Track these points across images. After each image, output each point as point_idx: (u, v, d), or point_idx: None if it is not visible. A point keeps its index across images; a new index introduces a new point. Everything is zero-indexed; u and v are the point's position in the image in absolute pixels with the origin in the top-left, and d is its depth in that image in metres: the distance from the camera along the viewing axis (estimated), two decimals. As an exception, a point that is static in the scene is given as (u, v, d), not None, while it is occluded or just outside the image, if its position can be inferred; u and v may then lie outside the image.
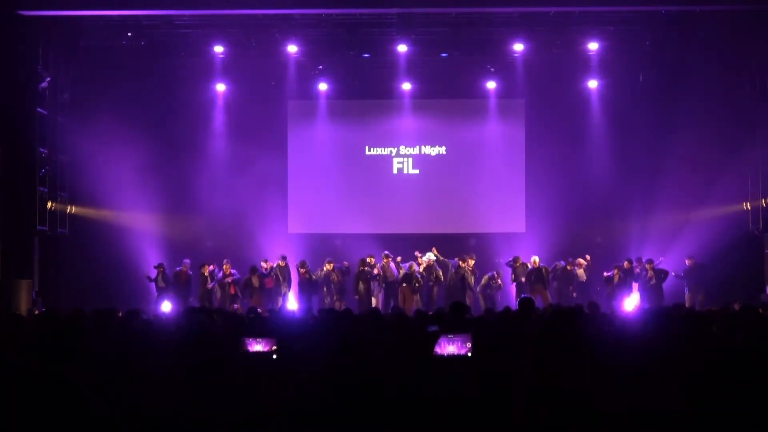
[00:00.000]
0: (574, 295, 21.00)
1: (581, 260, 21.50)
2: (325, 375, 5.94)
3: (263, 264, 21.12)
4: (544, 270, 20.89)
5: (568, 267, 21.31)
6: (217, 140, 23.46)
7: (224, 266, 21.20)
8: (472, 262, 21.12)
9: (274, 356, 8.07)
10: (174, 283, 20.87)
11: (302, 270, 20.96)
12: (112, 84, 21.93)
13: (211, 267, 21.17)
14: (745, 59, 21.24)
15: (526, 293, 20.59)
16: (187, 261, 21.10)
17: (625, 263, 20.96)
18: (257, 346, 8.19)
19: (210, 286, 20.97)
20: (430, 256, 21.19)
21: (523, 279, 20.92)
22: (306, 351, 7.53)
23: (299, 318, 12.72)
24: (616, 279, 20.75)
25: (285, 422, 5.75)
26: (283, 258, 21.15)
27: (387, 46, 21.86)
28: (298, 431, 5.67)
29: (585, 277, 21.38)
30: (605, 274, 21.01)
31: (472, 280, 21.01)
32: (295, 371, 6.68)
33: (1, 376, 5.35)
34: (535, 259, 21.00)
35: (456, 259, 21.23)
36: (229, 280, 21.02)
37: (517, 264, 21.19)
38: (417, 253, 21.43)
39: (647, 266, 20.70)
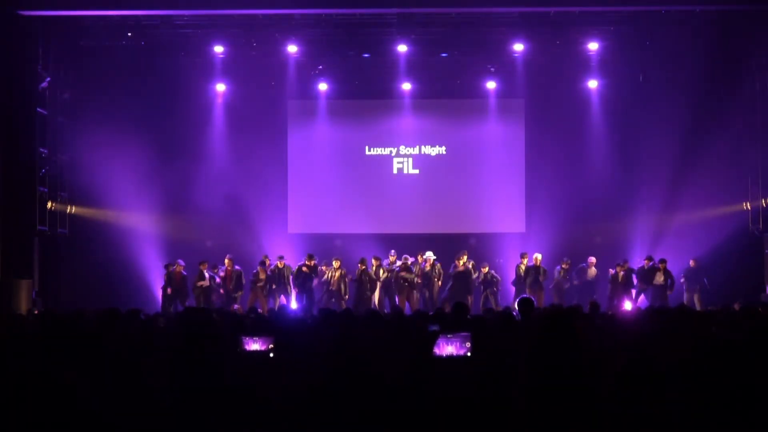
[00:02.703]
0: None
1: (592, 258, 21.45)
2: (324, 375, 5.95)
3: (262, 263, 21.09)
4: (542, 270, 20.89)
5: (564, 266, 21.29)
6: (217, 140, 23.46)
7: (226, 261, 21.18)
8: (462, 261, 21.02)
9: (271, 354, 8.07)
10: (168, 283, 20.77)
11: (309, 263, 20.93)
12: (112, 84, 21.93)
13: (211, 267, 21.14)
14: (745, 59, 21.23)
15: (523, 293, 20.65)
16: (181, 261, 21.04)
17: (622, 264, 20.99)
18: (254, 345, 8.19)
19: (205, 283, 20.88)
20: (430, 255, 21.16)
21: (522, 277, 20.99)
22: (305, 351, 7.53)
23: (299, 318, 12.73)
24: (620, 277, 20.75)
25: (284, 421, 5.75)
26: (281, 258, 21.09)
27: (387, 46, 21.85)
28: (298, 431, 5.68)
29: (593, 277, 21.36)
30: (611, 271, 21.00)
31: (473, 276, 20.99)
32: (294, 371, 6.69)
33: (1, 376, 5.35)
34: (537, 256, 20.99)
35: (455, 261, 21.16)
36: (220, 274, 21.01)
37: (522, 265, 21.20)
38: (406, 256, 21.21)
39: (661, 264, 20.58)
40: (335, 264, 21.09)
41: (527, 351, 5.64)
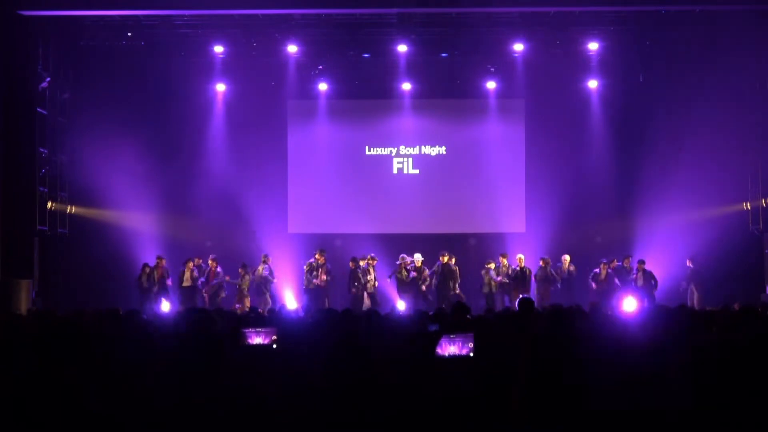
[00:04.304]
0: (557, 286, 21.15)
1: (566, 257, 21.51)
2: (325, 375, 5.95)
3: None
4: (527, 271, 20.92)
5: (542, 263, 21.34)
6: (217, 140, 23.45)
7: (210, 262, 21.19)
8: (447, 259, 21.07)
9: (274, 346, 8.03)
10: (149, 281, 20.76)
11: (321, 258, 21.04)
12: (112, 84, 21.94)
13: (195, 264, 21.15)
14: (745, 59, 21.23)
15: (508, 293, 20.74)
16: (163, 256, 21.06)
17: (614, 262, 21.06)
18: (257, 339, 8.16)
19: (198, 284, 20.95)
20: (418, 257, 21.19)
21: (503, 279, 20.99)
22: (305, 350, 7.52)
23: (299, 318, 12.74)
24: (603, 275, 20.82)
25: (284, 421, 5.75)
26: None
27: (387, 46, 21.87)
28: (297, 429, 5.68)
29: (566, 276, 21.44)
30: (595, 270, 21.06)
31: (456, 274, 21.03)
32: (294, 371, 6.69)
33: (1, 377, 5.34)
34: (521, 257, 21.04)
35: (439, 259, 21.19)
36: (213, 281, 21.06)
37: (503, 264, 21.21)
38: (403, 255, 21.27)
39: (638, 266, 20.74)
40: (320, 260, 21.14)
41: (528, 350, 5.64)
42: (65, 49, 21.54)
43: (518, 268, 20.94)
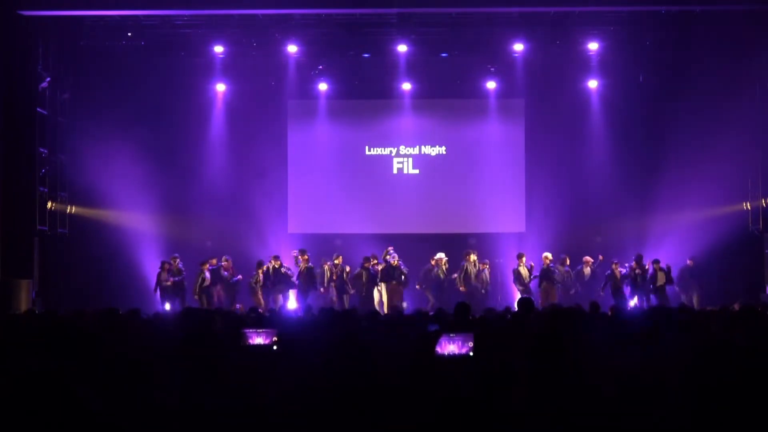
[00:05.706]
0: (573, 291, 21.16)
1: (588, 258, 21.56)
2: (325, 374, 5.95)
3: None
4: (551, 270, 20.96)
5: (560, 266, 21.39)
6: (217, 140, 23.46)
7: (225, 263, 21.24)
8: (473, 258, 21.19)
9: (275, 347, 8.05)
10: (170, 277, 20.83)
11: (304, 258, 21.01)
12: (112, 84, 21.96)
13: (212, 265, 21.20)
14: (745, 59, 21.22)
15: (532, 293, 20.71)
16: (176, 254, 21.14)
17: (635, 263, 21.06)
18: (258, 339, 8.17)
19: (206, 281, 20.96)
20: (442, 256, 21.26)
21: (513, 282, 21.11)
22: (306, 350, 7.52)
23: (300, 317, 12.75)
24: (617, 276, 20.82)
25: (284, 421, 5.75)
26: (276, 258, 21.19)
27: (387, 46, 21.87)
28: (297, 429, 5.68)
29: (587, 277, 21.47)
30: (606, 272, 21.08)
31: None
32: (294, 370, 6.69)
33: (1, 377, 5.34)
34: (547, 255, 21.05)
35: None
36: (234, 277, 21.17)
37: (521, 265, 21.21)
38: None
39: (655, 266, 20.66)
40: (336, 261, 21.20)
41: (528, 351, 5.64)
42: (65, 49, 21.53)
43: (544, 268, 20.97)
